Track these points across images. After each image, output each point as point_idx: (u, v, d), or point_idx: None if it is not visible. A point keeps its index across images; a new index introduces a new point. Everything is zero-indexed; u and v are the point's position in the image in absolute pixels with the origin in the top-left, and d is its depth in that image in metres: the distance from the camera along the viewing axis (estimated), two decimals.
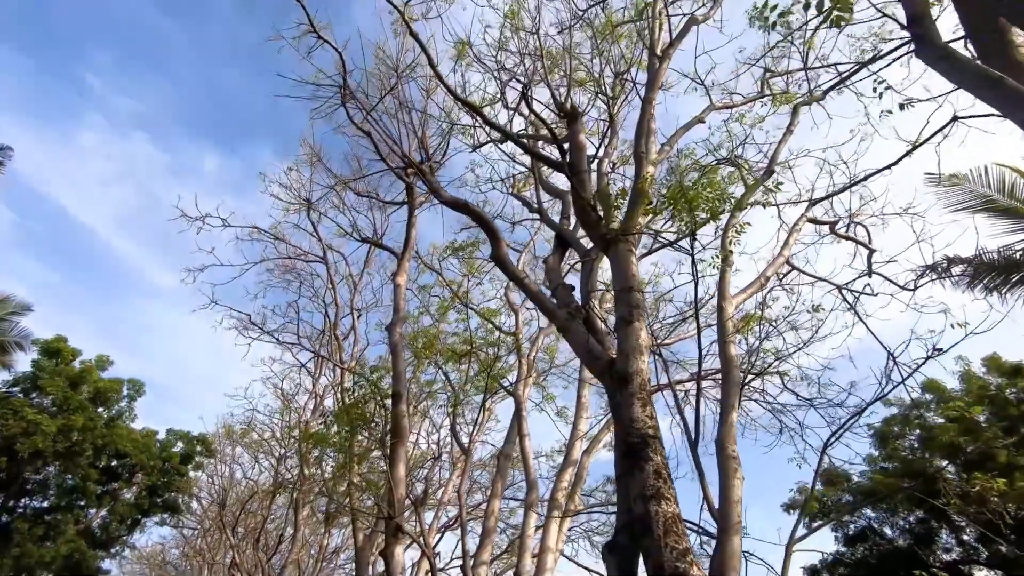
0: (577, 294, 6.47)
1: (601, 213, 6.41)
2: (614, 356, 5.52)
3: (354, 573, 22.69)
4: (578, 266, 10.45)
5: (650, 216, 6.62)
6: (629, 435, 4.68)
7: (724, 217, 6.86)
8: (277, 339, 12.24)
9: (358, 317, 14.63)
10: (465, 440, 9.99)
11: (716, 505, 5.22)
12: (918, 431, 16.12)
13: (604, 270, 7.08)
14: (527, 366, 10.21)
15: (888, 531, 15.44)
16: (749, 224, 6.23)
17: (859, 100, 8.17)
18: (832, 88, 8.10)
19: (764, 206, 6.97)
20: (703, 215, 6.48)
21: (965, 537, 14.42)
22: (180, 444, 22.60)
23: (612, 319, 7.30)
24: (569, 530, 9.37)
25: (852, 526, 15.76)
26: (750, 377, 6.76)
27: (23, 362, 18.23)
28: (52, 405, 17.87)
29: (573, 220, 8.27)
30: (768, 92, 8.60)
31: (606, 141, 8.57)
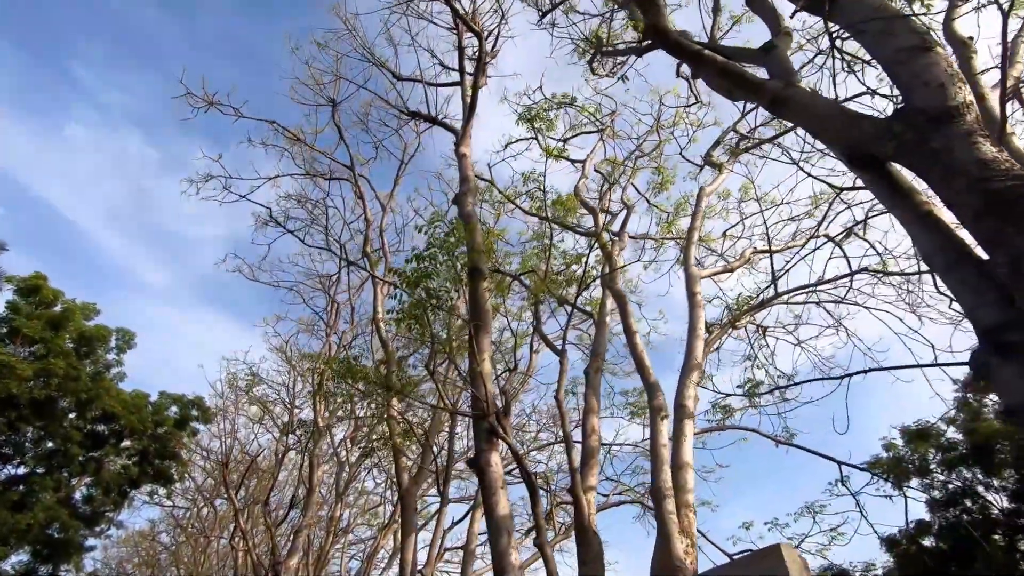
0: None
1: None
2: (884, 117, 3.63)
3: (364, 555, 20.61)
4: None
5: None
6: (990, 181, 2.78)
7: None
8: (302, 240, 10.23)
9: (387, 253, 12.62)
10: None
11: None
12: None
13: None
14: (616, 263, 8.28)
15: (983, 493, 13.66)
16: None
17: None
18: None
19: None
20: None
21: None
22: (174, 408, 20.42)
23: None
24: None
25: (942, 489, 13.96)
26: None
27: None
28: (30, 355, 15.68)
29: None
30: None
31: None
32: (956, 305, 7.46)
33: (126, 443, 19.83)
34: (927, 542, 14.37)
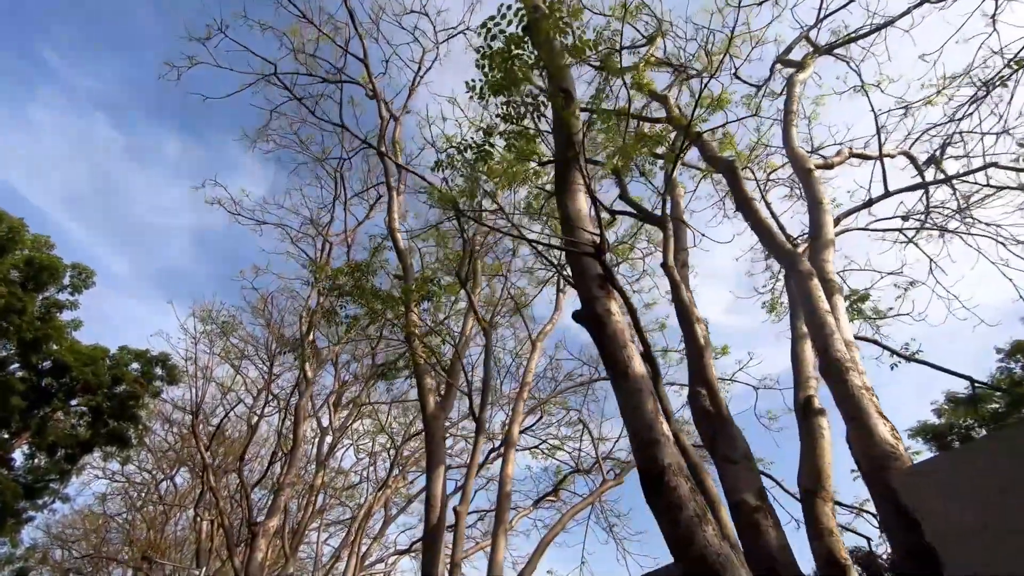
0: None
1: None
2: None
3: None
4: None
5: None
6: None
7: None
8: (311, 111, 8.44)
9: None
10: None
11: None
12: None
13: None
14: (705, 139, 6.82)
15: None
16: None
17: None
18: None
19: None
20: None
21: None
22: (136, 365, 18.24)
23: None
24: None
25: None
26: None
27: None
28: None
29: None
30: None
31: None
32: None
33: (77, 400, 17.58)
34: None
